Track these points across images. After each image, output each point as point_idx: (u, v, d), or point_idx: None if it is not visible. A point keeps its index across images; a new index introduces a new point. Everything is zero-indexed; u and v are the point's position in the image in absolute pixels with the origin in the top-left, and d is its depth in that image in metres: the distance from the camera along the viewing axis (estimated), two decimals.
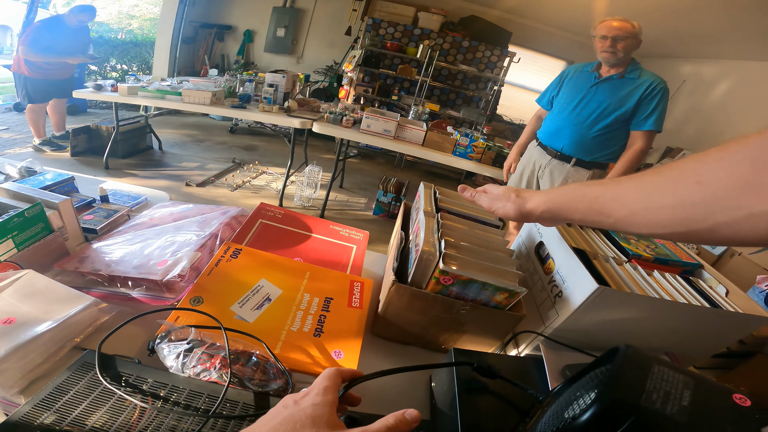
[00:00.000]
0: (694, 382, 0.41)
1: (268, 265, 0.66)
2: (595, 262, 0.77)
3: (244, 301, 0.58)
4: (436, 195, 0.78)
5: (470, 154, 2.67)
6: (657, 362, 0.43)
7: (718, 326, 0.77)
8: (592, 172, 2.08)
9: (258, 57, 5.81)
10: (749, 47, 3.43)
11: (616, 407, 0.36)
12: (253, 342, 0.51)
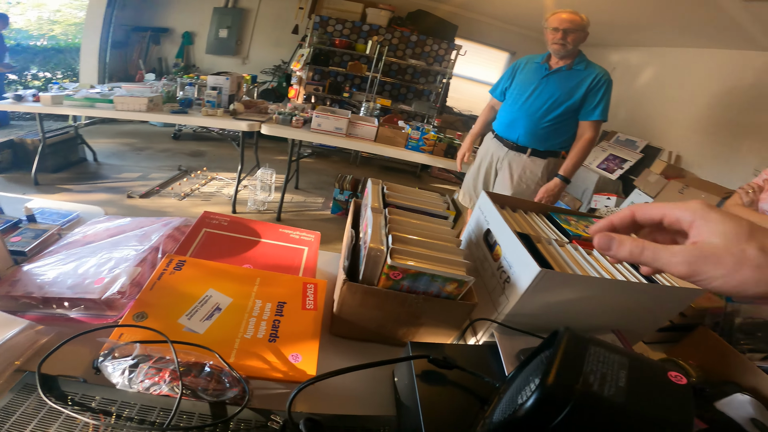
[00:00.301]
0: (629, 362, 0.43)
1: (215, 274, 0.65)
2: (539, 246, 0.81)
3: (192, 312, 0.57)
4: (384, 190, 0.80)
5: (422, 147, 2.73)
6: (593, 343, 0.45)
7: (657, 300, 0.82)
8: (548, 161, 2.20)
9: (199, 59, 5.60)
10: (670, 35, 3.74)
11: (556, 393, 0.38)
12: (205, 353, 0.51)
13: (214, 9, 5.34)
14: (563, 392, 0.37)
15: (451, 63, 5.09)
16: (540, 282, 0.67)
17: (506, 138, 2.26)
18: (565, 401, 0.37)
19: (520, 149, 2.21)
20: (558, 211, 1.06)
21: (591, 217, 1.09)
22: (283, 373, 0.54)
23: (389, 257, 0.57)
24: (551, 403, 0.37)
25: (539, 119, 2.14)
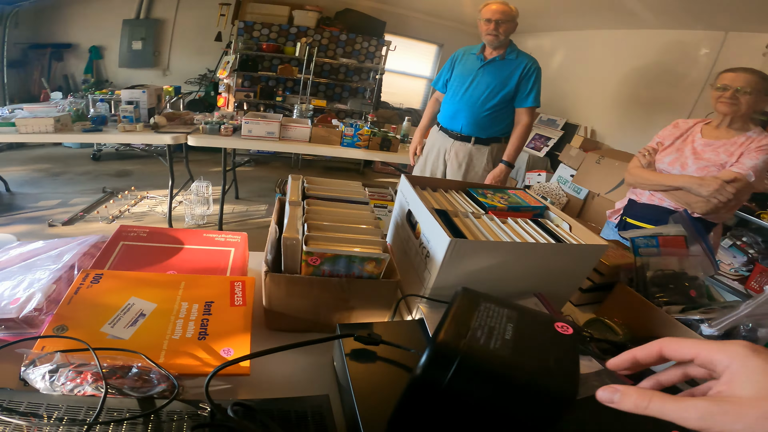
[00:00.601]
0: (517, 315, 0.46)
1: (136, 283, 0.66)
2: (456, 220, 0.89)
3: (114, 321, 0.58)
4: (304, 184, 0.84)
5: (357, 143, 2.80)
6: (484, 300, 0.48)
7: (569, 259, 0.91)
8: (491, 147, 2.34)
9: (113, 73, 5.27)
10: (575, 19, 4.11)
11: (443, 350, 0.40)
12: (131, 356, 0.53)
13: (124, 21, 5.05)
14: (451, 348, 0.40)
15: (383, 59, 5.20)
16: (453, 251, 0.74)
17: (450, 129, 2.39)
18: (453, 357, 0.39)
19: (464, 138, 2.34)
20: (476, 186, 1.15)
21: (506, 189, 1.19)
22: (216, 367, 0.57)
23: (304, 244, 0.62)
24: (441, 359, 0.40)
25: (479, 109, 2.27)
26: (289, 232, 0.63)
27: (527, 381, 0.39)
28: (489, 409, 0.41)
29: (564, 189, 3.80)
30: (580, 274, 0.98)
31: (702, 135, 1.65)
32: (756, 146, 1.50)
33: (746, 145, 1.52)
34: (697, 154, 1.62)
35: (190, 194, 3.27)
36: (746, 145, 1.52)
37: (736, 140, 1.55)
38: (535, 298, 0.93)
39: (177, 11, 5.13)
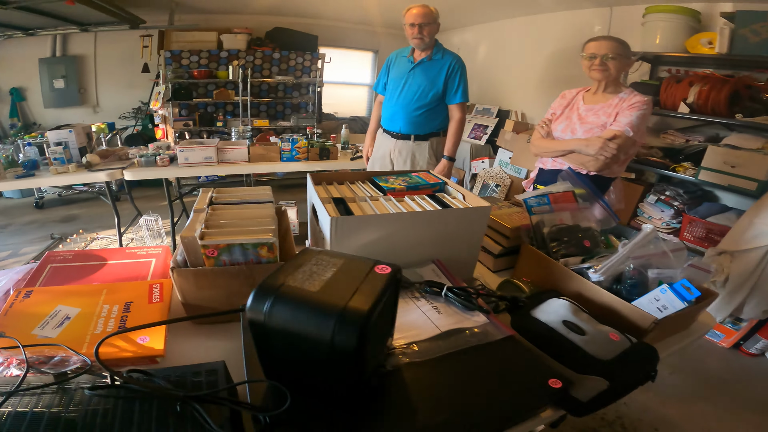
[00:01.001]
0: (343, 263, 0.60)
1: (62, 294, 0.79)
2: (352, 205, 1.05)
3: (43, 324, 0.71)
4: (212, 195, 0.99)
5: (297, 156, 2.94)
6: (320, 254, 0.62)
7: (456, 223, 1.05)
8: (431, 141, 2.54)
9: (40, 115, 5.14)
10: (492, 10, 4.44)
11: (261, 291, 0.54)
12: (56, 348, 0.65)
13: (41, 60, 4.93)
14: (268, 288, 0.55)
15: (319, 72, 5.35)
16: (337, 228, 0.89)
17: (391, 130, 2.58)
18: (269, 295, 0.54)
19: (404, 137, 2.54)
20: (379, 174, 1.31)
21: (410, 172, 1.36)
22: (133, 352, 0.70)
23: (200, 239, 0.76)
24: (260, 298, 0.54)
25: (413, 109, 2.46)
26: (186, 232, 0.77)
27: (315, 304, 0.52)
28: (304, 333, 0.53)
29: (506, 171, 4.08)
30: (474, 237, 1.12)
31: (584, 102, 1.91)
32: (628, 105, 1.75)
33: (620, 105, 1.77)
34: (582, 119, 1.86)
35: (140, 230, 3.31)
36: (620, 105, 1.77)
37: (611, 102, 1.80)
38: (433, 264, 1.07)
39: (96, 46, 5.07)
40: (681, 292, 0.91)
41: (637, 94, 1.79)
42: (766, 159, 2.37)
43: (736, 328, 2.50)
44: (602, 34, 3.49)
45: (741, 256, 2.33)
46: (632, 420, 1.95)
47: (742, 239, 2.34)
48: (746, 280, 2.29)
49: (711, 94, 2.60)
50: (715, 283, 2.37)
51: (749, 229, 2.32)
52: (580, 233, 1.21)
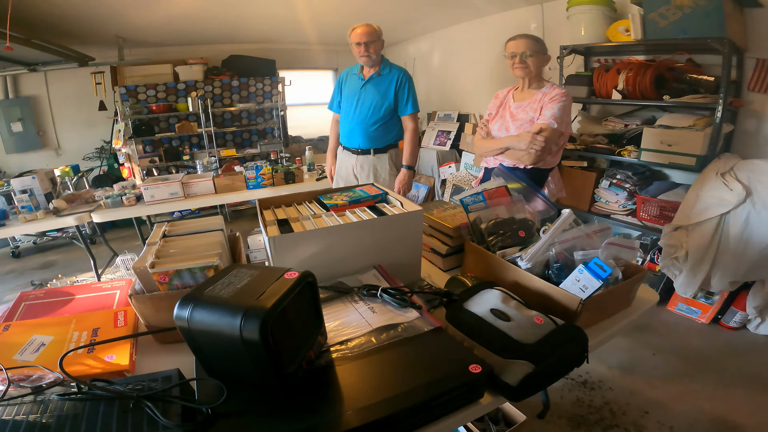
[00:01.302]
0: (257, 273, 0.73)
1: (36, 326, 0.93)
2: (295, 224, 1.15)
3: (23, 351, 0.85)
4: (165, 228, 1.12)
5: (263, 183, 3.06)
6: (240, 267, 0.75)
7: (392, 229, 1.16)
8: (389, 153, 2.71)
9: (3, 162, 5.12)
10: (438, 18, 4.67)
11: (184, 301, 0.68)
12: (33, 369, 0.79)
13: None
14: (190, 297, 0.68)
15: (281, 96, 5.48)
16: (276, 246, 1.02)
17: (351, 147, 2.73)
18: (190, 303, 0.67)
19: (364, 152, 2.69)
20: (325, 193, 1.44)
21: (354, 188, 1.49)
22: (101, 368, 0.83)
23: (150, 268, 0.89)
24: (183, 306, 0.68)
25: (369, 124, 2.63)
26: (138, 263, 0.91)
27: (225, 306, 0.65)
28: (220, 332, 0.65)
29: (472, 173, 4.27)
30: (412, 240, 1.22)
31: (514, 99, 2.10)
32: (549, 99, 1.94)
33: (543, 100, 1.96)
34: (513, 117, 2.05)
35: (118, 269, 3.39)
36: (542, 99, 1.97)
37: (536, 97, 2.00)
38: (375, 269, 1.17)
39: (47, 86, 5.07)
40: (596, 270, 0.96)
41: (556, 87, 1.98)
42: (699, 135, 2.56)
43: (709, 302, 2.61)
44: (537, 30, 3.76)
45: (695, 230, 2.50)
46: (620, 405, 1.96)
47: (692, 213, 2.51)
48: (705, 252, 2.43)
49: (637, 79, 2.80)
50: (678, 258, 2.53)
51: (697, 202, 2.50)
52: (515, 225, 1.29)
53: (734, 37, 2.45)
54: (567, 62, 3.31)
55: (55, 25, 3.64)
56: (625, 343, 2.43)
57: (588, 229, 1.14)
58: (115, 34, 4.23)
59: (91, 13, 3.49)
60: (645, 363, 2.29)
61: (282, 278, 0.71)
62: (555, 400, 2.02)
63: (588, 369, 2.22)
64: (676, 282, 2.60)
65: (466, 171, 4.37)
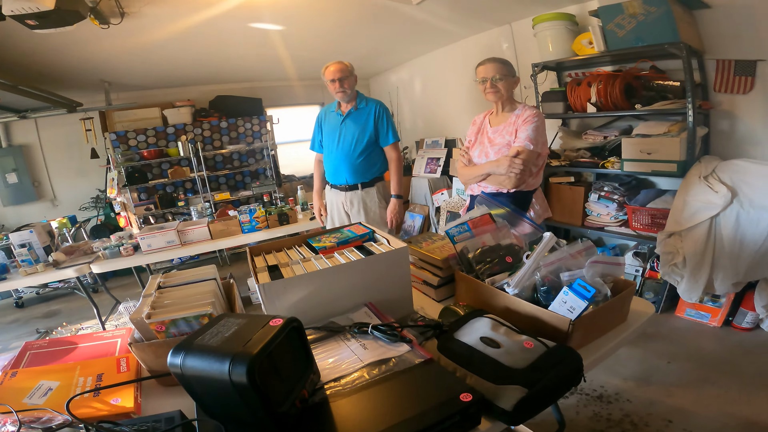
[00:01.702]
0: (245, 321, 0.81)
1: (43, 373, 1.04)
2: (284, 269, 1.26)
3: (31, 395, 0.96)
4: (160, 280, 1.22)
5: (257, 226, 3.16)
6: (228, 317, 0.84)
7: (379, 266, 1.21)
8: (376, 186, 2.83)
9: (1, 215, 5.24)
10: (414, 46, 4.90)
11: (176, 350, 0.76)
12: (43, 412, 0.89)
13: None
14: (181, 347, 0.76)
15: (270, 134, 5.63)
16: (268, 292, 1.10)
17: (338, 184, 2.85)
18: (182, 351, 0.75)
19: (352, 188, 2.81)
20: (313, 235, 1.54)
21: (342, 228, 1.59)
22: (107, 411, 0.94)
23: (146, 319, 1.00)
24: (176, 355, 0.75)
25: (354, 158, 2.75)
26: (135, 315, 1.01)
27: (214, 353, 0.72)
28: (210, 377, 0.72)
29: (464, 198, 4.40)
30: (400, 275, 1.28)
31: (491, 125, 2.19)
32: (522, 120, 2.01)
33: (517, 123, 2.03)
34: (491, 142, 2.14)
35: (121, 316, 3.46)
36: (516, 122, 2.03)
37: (510, 121, 2.07)
38: (366, 307, 1.22)
39: (38, 133, 5.19)
40: (580, 291, 1.01)
41: (528, 108, 2.06)
42: (675, 140, 2.67)
43: (717, 305, 2.65)
44: (510, 51, 3.91)
45: (689, 235, 2.58)
46: (641, 416, 1.95)
47: (682, 218, 2.60)
48: (703, 256, 2.51)
49: (608, 91, 2.91)
50: (677, 264, 2.60)
51: (685, 207, 2.59)
52: (501, 251, 1.34)
53: (690, 41, 2.57)
54: (540, 79, 3.46)
55: (41, 72, 3.82)
56: (637, 354, 2.45)
57: (572, 250, 1.19)
58: (100, 78, 4.42)
59: (74, 59, 3.68)
60: (660, 371, 2.29)
61: (267, 325, 0.80)
62: (570, 417, 2.02)
63: (602, 383, 2.24)
64: (679, 288, 2.66)
65: (458, 197, 4.51)
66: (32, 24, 2.21)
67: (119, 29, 2.85)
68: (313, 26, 3.65)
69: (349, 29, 3.85)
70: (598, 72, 3.18)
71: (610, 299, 1.07)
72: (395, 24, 3.82)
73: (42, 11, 2.08)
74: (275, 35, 3.75)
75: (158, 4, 2.73)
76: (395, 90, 5.79)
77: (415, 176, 5.05)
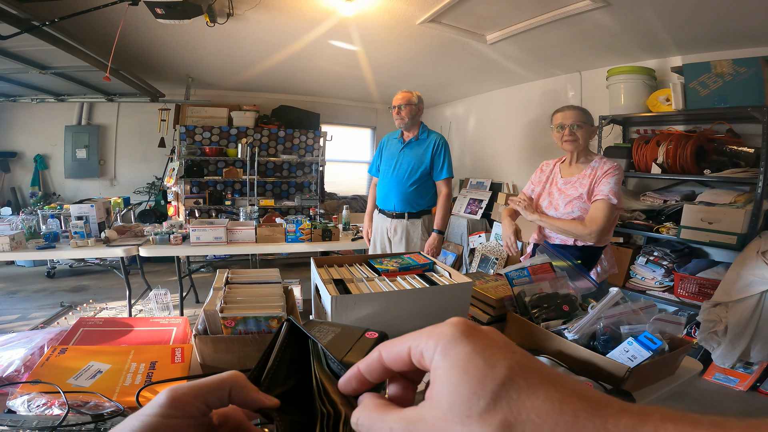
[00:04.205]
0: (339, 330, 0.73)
1: (94, 353, 0.98)
2: (351, 285, 1.23)
3: (78, 376, 0.88)
4: (228, 275, 1.18)
5: (301, 237, 3.13)
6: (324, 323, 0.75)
7: (442, 298, 1.22)
8: (422, 219, 2.79)
9: (59, 185, 5.40)
10: (476, 84, 4.90)
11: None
12: (90, 395, 0.82)
13: (66, 128, 5.23)
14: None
15: (321, 150, 5.71)
16: (337, 305, 1.07)
17: (386, 209, 2.83)
18: None
19: (399, 216, 2.78)
20: (375, 257, 1.51)
21: (402, 254, 1.56)
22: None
23: (220, 312, 0.94)
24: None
25: (406, 186, 2.74)
26: (209, 306, 0.96)
27: None
28: None
29: (502, 244, 4.26)
30: (459, 309, 1.27)
31: (561, 175, 2.06)
32: (602, 173, 1.88)
33: (593, 175, 1.90)
34: (561, 192, 2.01)
35: (149, 302, 3.47)
36: (593, 175, 1.90)
37: (585, 173, 1.94)
38: None
39: (118, 117, 5.41)
40: (645, 342, 1.04)
41: (607, 161, 1.94)
42: (739, 212, 2.51)
43: (748, 371, 2.54)
44: (575, 99, 3.84)
45: (735, 306, 2.45)
46: None
47: (733, 290, 2.46)
48: (746, 326, 2.40)
49: (678, 152, 2.74)
50: (717, 332, 2.48)
51: (737, 280, 2.46)
52: (559, 299, 1.36)
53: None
54: (605, 132, 3.32)
55: (137, 59, 4.01)
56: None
57: (634, 306, 1.19)
58: (186, 73, 4.63)
59: (172, 52, 3.87)
60: None
61: (364, 337, 0.74)
62: None
63: None
64: (714, 353, 2.56)
65: (495, 242, 4.37)
66: (159, 12, 2.30)
67: (220, 29, 2.98)
68: (387, 51, 3.70)
69: (419, 59, 3.89)
70: (669, 131, 3.01)
71: (667, 353, 1.10)
72: (464, 59, 3.83)
73: (172, 0, 2.16)
74: (348, 54, 3.81)
75: (263, 11, 2.83)
76: (448, 124, 5.78)
77: (454, 214, 4.96)
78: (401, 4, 2.71)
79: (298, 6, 2.77)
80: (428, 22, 2.93)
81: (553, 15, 2.67)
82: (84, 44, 2.93)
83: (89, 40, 2.99)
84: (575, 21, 2.71)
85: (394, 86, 2.80)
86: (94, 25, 2.96)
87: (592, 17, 2.63)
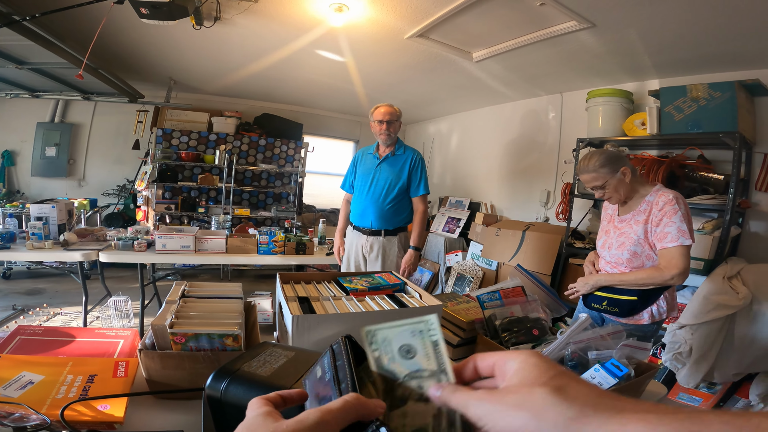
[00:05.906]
0: (293, 355, 0.73)
1: (28, 363, 0.92)
2: (316, 303, 1.19)
3: (7, 386, 0.83)
4: (185, 288, 1.12)
5: (273, 249, 3.04)
6: (275, 347, 0.75)
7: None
8: (399, 236, 2.76)
9: (25, 183, 5.21)
10: (460, 101, 4.96)
11: (220, 373, 0.67)
12: (16, 406, 0.76)
13: (38, 124, 5.09)
14: (227, 370, 0.68)
15: (302, 161, 5.64)
16: (298, 325, 1.03)
17: (362, 226, 2.78)
18: (227, 375, 0.66)
19: (375, 233, 2.74)
20: (344, 275, 1.48)
21: (373, 273, 1.53)
22: (92, 417, 0.80)
23: (169, 328, 0.89)
24: (218, 378, 0.67)
25: (382, 203, 2.70)
26: (157, 321, 0.90)
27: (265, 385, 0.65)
28: None
29: (478, 264, 4.27)
30: None
31: (619, 213, 1.97)
32: (658, 210, 1.76)
33: (649, 212, 1.79)
34: (618, 231, 1.92)
35: (107, 309, 3.33)
36: (649, 211, 1.80)
37: (640, 209, 1.84)
38: None
39: (93, 116, 5.27)
40: (612, 369, 1.06)
41: (663, 192, 1.80)
42: (707, 239, 2.54)
43: (712, 392, 2.58)
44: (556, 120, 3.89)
45: (700, 329, 2.48)
46: None
47: (699, 313, 2.47)
48: (710, 349, 2.43)
49: (650, 178, 2.73)
50: (682, 354, 2.49)
51: (703, 304, 2.48)
52: (529, 323, 1.38)
53: (745, 131, 2.47)
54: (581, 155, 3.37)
55: (118, 58, 3.92)
56: None
57: (602, 331, 1.22)
58: (169, 75, 4.56)
59: (155, 53, 3.80)
60: None
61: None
62: None
63: None
64: (678, 374, 2.59)
65: (472, 261, 4.37)
66: (144, 12, 2.25)
67: (207, 32, 2.94)
68: (373, 63, 3.72)
69: (406, 74, 3.92)
70: (643, 156, 3.04)
71: (633, 379, 1.11)
72: (450, 76, 3.89)
73: (158, 1, 2.12)
74: (335, 65, 3.81)
75: (251, 16, 2.82)
76: (431, 141, 5.82)
77: (432, 232, 4.95)
78: (391, 18, 2.73)
79: (287, 14, 2.77)
80: (416, 37, 2.96)
81: (540, 35, 2.74)
82: (65, 41, 2.86)
83: (71, 38, 2.92)
84: (561, 41, 2.78)
85: (379, 100, 2.80)
86: (76, 23, 2.90)
87: (577, 38, 2.71)
